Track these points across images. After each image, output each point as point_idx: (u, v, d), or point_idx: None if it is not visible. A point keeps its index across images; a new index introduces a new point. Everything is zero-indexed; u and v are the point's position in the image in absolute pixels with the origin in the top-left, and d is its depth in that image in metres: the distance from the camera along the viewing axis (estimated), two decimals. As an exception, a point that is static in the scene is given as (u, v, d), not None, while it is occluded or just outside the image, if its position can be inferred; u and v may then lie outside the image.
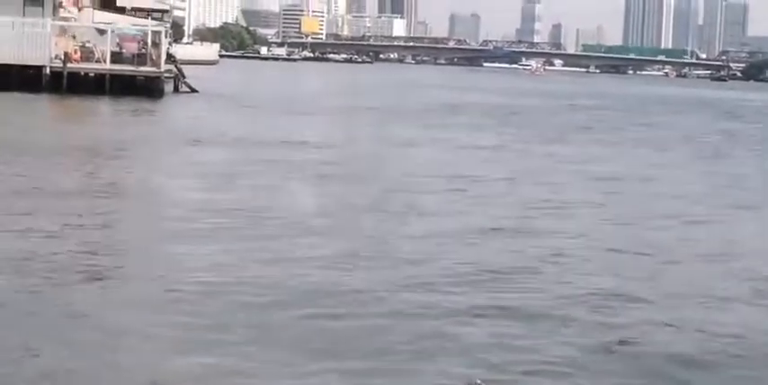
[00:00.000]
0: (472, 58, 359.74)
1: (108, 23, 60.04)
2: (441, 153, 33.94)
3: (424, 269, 14.65)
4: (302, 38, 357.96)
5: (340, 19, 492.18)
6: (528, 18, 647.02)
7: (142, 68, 56.21)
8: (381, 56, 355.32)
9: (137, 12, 74.66)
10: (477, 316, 12.20)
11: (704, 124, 62.04)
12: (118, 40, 57.59)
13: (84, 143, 31.42)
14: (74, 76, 54.23)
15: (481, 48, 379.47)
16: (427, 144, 36.95)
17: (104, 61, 55.59)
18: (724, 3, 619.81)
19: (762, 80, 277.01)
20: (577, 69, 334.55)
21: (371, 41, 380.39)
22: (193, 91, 62.36)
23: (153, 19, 70.21)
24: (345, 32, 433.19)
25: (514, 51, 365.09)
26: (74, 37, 56.90)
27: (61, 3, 62.25)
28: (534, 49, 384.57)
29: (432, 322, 11.80)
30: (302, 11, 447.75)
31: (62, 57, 54.13)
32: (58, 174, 23.95)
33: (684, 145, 43.35)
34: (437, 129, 44.25)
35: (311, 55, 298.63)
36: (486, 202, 22.07)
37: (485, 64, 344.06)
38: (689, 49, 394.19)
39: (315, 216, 19.15)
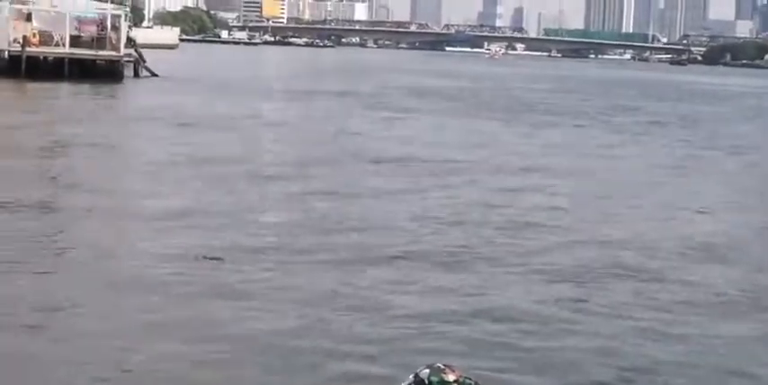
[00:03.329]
0: (434, 42, 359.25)
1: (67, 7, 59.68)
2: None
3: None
4: (263, 22, 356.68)
5: (301, 3, 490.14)
6: (490, 2, 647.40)
7: (102, 52, 56.00)
8: (343, 40, 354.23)
9: (97, -5, 74.18)
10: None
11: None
12: (77, 24, 57.29)
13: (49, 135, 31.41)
14: (33, 59, 53.92)
15: (443, 32, 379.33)
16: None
17: (63, 45, 55.34)
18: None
19: (723, 64, 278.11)
20: (539, 53, 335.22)
21: (333, 25, 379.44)
22: (154, 75, 62.11)
23: (112, 2, 69.85)
24: (307, 16, 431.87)
25: (476, 36, 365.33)
26: (30, 20, 56.53)
27: (20, -14, 61.83)
28: (496, 34, 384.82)
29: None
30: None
31: (20, 40, 53.80)
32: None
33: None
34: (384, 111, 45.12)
35: (272, 39, 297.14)
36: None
37: (447, 48, 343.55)
38: (650, 33, 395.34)
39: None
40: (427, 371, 5.23)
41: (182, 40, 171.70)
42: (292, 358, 10.35)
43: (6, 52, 53.54)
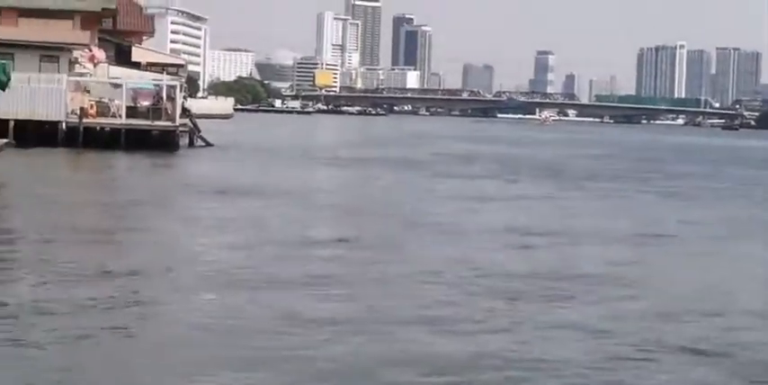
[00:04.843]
0: (486, 108, 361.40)
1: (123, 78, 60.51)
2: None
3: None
4: (316, 91, 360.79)
5: (354, 72, 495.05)
6: (541, 68, 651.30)
7: (157, 122, 56.56)
8: (395, 108, 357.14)
9: (152, 67, 75.38)
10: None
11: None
12: (133, 95, 58.06)
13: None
14: (89, 130, 54.59)
15: (495, 98, 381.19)
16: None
17: (120, 116, 56.03)
18: (736, 51, 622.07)
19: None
20: (591, 119, 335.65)
21: (385, 93, 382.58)
22: (209, 144, 62.56)
23: (168, 74, 70.81)
24: (359, 85, 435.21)
25: (528, 102, 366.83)
26: (88, 92, 57.41)
27: (77, 59, 62.86)
28: (548, 100, 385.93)
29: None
30: (316, 64, 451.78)
31: (78, 112, 54.54)
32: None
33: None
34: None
35: (325, 107, 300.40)
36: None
37: (499, 115, 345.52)
38: (702, 98, 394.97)
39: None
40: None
41: (236, 109, 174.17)
42: None
43: (64, 123, 54.19)
